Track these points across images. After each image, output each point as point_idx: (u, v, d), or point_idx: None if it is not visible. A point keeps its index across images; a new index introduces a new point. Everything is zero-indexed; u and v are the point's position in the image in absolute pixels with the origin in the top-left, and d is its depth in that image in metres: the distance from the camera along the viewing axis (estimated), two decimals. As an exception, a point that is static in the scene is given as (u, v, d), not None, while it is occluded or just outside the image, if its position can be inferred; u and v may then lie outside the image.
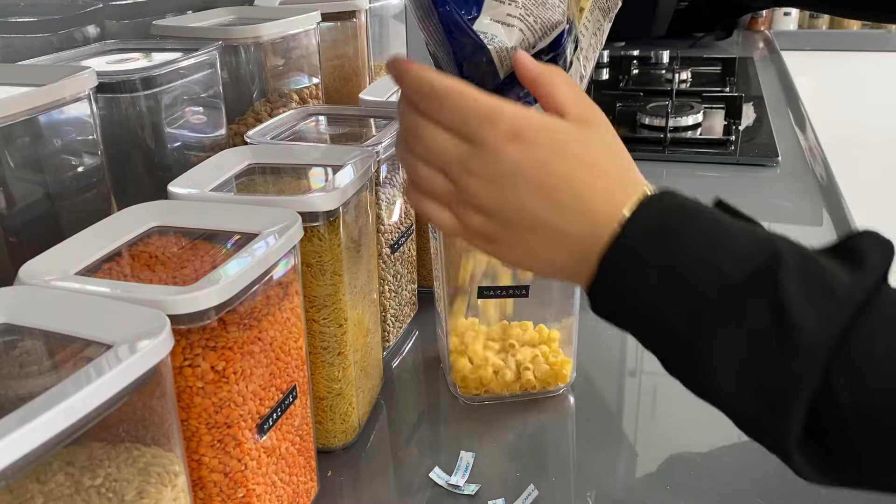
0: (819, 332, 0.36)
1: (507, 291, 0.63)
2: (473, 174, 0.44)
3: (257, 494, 0.46)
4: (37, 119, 0.55)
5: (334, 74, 1.02)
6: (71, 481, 0.35)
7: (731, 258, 0.39)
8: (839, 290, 0.37)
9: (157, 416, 0.38)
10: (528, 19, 0.48)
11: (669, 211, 0.42)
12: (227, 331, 0.42)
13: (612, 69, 1.79)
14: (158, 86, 0.67)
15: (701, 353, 0.39)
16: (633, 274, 0.41)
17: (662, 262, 0.40)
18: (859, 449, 0.37)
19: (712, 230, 0.41)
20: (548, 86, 0.46)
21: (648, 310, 0.41)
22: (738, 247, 0.40)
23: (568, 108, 0.45)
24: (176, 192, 0.54)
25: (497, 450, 0.60)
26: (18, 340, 0.37)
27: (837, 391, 0.36)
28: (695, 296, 0.39)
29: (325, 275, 0.55)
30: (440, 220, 0.47)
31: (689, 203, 0.42)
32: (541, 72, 0.46)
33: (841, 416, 0.36)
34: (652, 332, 0.42)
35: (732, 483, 0.56)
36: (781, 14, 2.41)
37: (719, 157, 1.20)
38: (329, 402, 0.59)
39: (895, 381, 0.35)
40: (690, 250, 0.40)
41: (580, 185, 0.43)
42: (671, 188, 0.44)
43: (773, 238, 0.40)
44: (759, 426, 0.39)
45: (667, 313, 0.40)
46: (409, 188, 0.48)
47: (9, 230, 0.54)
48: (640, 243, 0.41)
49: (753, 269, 0.38)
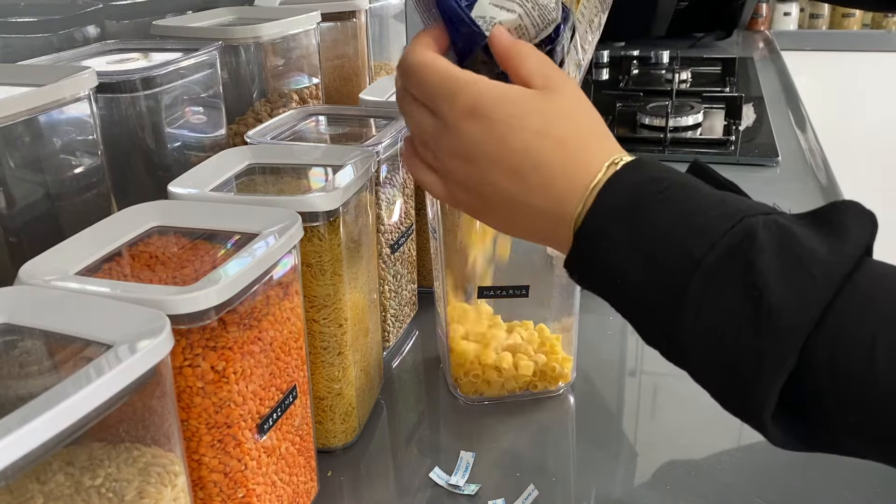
0: (796, 312, 0.35)
1: (507, 291, 0.63)
2: (444, 150, 0.46)
3: (257, 494, 0.46)
4: (37, 119, 0.55)
5: (334, 74, 1.02)
6: (71, 481, 0.35)
7: (702, 239, 0.38)
8: (817, 269, 0.36)
9: (157, 416, 0.38)
10: (526, 5, 0.48)
11: (637, 188, 0.41)
12: (227, 331, 0.42)
13: (612, 69, 1.80)
14: (158, 86, 0.67)
15: (677, 333, 0.39)
16: (604, 254, 0.41)
17: (633, 244, 0.40)
18: (835, 418, 0.36)
19: (681, 209, 0.40)
20: (515, 58, 0.46)
21: (623, 290, 0.41)
22: (709, 226, 0.38)
23: (533, 78, 0.45)
24: (176, 192, 0.54)
25: (497, 450, 0.60)
26: (18, 340, 0.37)
27: (815, 368, 0.35)
28: (668, 279, 0.39)
29: (325, 275, 0.55)
30: (430, 187, 0.49)
31: (658, 175, 0.41)
32: (509, 46, 0.46)
33: (818, 389, 0.36)
34: (627, 309, 0.42)
35: (732, 483, 0.56)
36: (781, 14, 2.41)
37: (719, 157, 1.20)
38: (329, 402, 0.59)
39: (873, 357, 0.34)
40: (660, 232, 0.39)
41: (538, 157, 0.43)
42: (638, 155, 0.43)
43: (747, 209, 0.39)
44: (735, 401, 0.39)
45: (641, 294, 0.40)
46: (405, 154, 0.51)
47: (9, 230, 0.54)
48: (609, 223, 0.41)
49: (726, 250, 0.37)
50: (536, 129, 0.43)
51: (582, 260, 0.43)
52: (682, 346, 0.39)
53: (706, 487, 0.56)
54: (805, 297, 0.36)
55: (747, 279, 0.37)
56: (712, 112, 1.38)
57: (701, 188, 0.41)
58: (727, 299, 0.37)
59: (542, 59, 0.47)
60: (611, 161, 0.42)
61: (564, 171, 0.43)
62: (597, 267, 0.42)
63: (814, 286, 0.36)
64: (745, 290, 0.37)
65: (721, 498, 0.55)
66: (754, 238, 0.37)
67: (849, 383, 0.35)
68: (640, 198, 0.40)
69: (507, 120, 0.43)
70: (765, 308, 0.36)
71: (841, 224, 0.38)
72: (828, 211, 0.39)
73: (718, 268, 0.37)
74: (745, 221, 0.38)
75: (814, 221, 0.39)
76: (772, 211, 0.39)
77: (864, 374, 0.34)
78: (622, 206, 0.41)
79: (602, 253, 0.41)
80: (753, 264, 0.37)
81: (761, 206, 0.40)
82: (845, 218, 0.38)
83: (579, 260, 0.43)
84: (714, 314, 0.37)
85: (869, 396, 0.35)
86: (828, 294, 0.35)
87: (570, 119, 0.44)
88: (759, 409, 0.37)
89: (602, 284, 0.43)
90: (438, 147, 0.47)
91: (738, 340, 0.37)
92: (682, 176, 0.42)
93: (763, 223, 0.38)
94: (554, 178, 0.43)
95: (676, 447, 0.60)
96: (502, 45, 0.47)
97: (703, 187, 0.41)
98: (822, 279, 0.36)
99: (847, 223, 0.38)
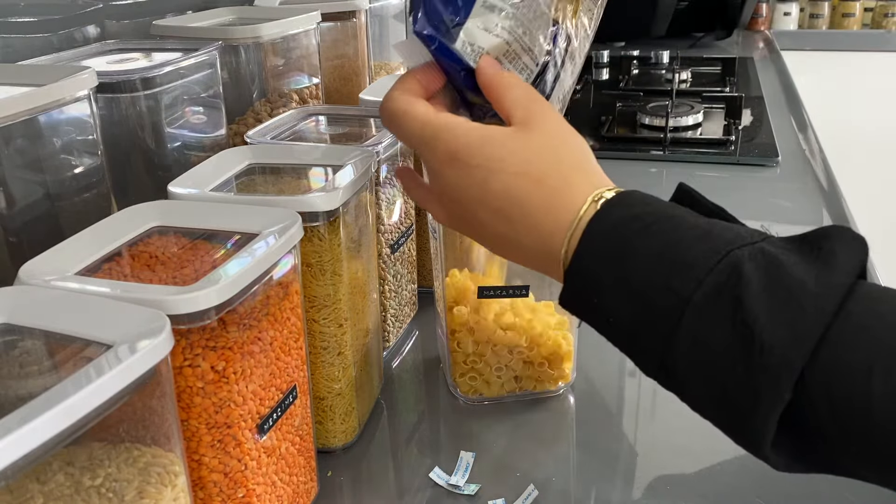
0: (788, 348, 0.35)
1: (508, 291, 0.63)
2: (436, 189, 0.47)
3: (257, 494, 0.46)
4: (37, 119, 0.54)
5: (334, 74, 1.02)
6: (71, 481, 0.35)
7: (688, 277, 0.38)
8: (807, 301, 0.35)
9: (157, 416, 0.38)
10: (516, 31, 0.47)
11: (621, 225, 0.40)
12: (227, 331, 0.42)
13: (612, 69, 1.80)
14: (158, 86, 0.67)
15: (672, 370, 0.39)
16: (593, 295, 0.41)
17: (621, 285, 0.40)
18: (836, 446, 0.36)
19: (666, 245, 0.39)
20: (497, 90, 0.46)
21: (616, 328, 0.41)
22: (695, 262, 0.38)
23: (514, 110, 0.45)
24: (176, 192, 0.54)
25: (497, 450, 0.60)
26: (18, 340, 0.37)
27: (813, 399, 0.35)
28: (659, 318, 0.38)
29: (325, 275, 0.55)
30: (432, 212, 0.51)
31: (642, 211, 0.41)
32: (492, 77, 0.46)
33: (818, 418, 0.35)
34: (623, 345, 0.42)
35: (732, 483, 0.56)
36: (781, 14, 2.41)
37: (719, 157, 1.20)
38: (329, 402, 0.59)
39: (870, 387, 0.34)
40: (646, 271, 0.39)
41: (519, 198, 0.43)
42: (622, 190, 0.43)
43: (733, 240, 0.38)
44: (734, 434, 0.39)
45: (634, 332, 0.40)
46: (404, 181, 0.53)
47: (9, 230, 0.54)
48: (595, 265, 0.41)
49: (713, 287, 0.37)
50: (515, 170, 0.43)
51: (573, 299, 0.43)
52: (678, 381, 0.39)
53: (706, 487, 0.56)
54: (796, 332, 0.35)
55: (737, 316, 0.36)
56: (712, 112, 1.38)
57: (685, 220, 0.40)
58: (718, 337, 0.37)
59: (524, 90, 0.46)
60: (593, 197, 0.42)
61: (547, 210, 0.43)
62: (588, 306, 0.42)
63: (804, 320, 0.35)
64: (734, 327, 0.36)
65: (721, 498, 0.55)
66: (741, 273, 0.37)
67: (848, 414, 0.35)
68: (624, 237, 0.40)
69: (485, 164, 0.44)
70: (756, 345, 0.36)
71: (830, 251, 0.37)
72: (817, 237, 0.38)
73: (707, 306, 0.37)
74: (732, 255, 0.37)
75: (801, 247, 0.38)
76: (759, 238, 0.39)
77: (863, 405, 0.34)
78: (606, 247, 0.40)
79: (591, 294, 0.41)
80: (742, 301, 0.36)
81: (749, 233, 0.39)
82: (834, 245, 0.37)
83: (571, 299, 0.43)
84: (707, 352, 0.37)
85: (868, 427, 0.34)
86: (819, 327, 0.35)
87: (550, 155, 0.44)
88: (759, 442, 0.37)
89: (595, 322, 0.43)
90: (431, 185, 0.48)
91: (732, 377, 0.37)
92: (666, 208, 0.41)
93: (749, 255, 0.37)
94: (538, 218, 0.43)
95: (676, 447, 0.60)
96: (486, 76, 0.47)
97: (687, 219, 0.40)
98: (812, 312, 0.35)
99: (836, 250, 0.37)
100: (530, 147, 0.44)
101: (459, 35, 0.46)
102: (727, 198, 0.44)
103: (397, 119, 0.47)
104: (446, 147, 0.45)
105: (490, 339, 0.64)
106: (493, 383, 0.65)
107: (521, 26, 0.47)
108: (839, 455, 0.36)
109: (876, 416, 0.34)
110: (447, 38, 0.46)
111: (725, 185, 1.13)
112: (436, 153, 0.45)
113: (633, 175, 1.15)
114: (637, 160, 1.21)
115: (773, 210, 1.03)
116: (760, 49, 2.11)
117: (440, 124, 0.45)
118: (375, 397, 0.67)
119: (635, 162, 1.20)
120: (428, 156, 0.46)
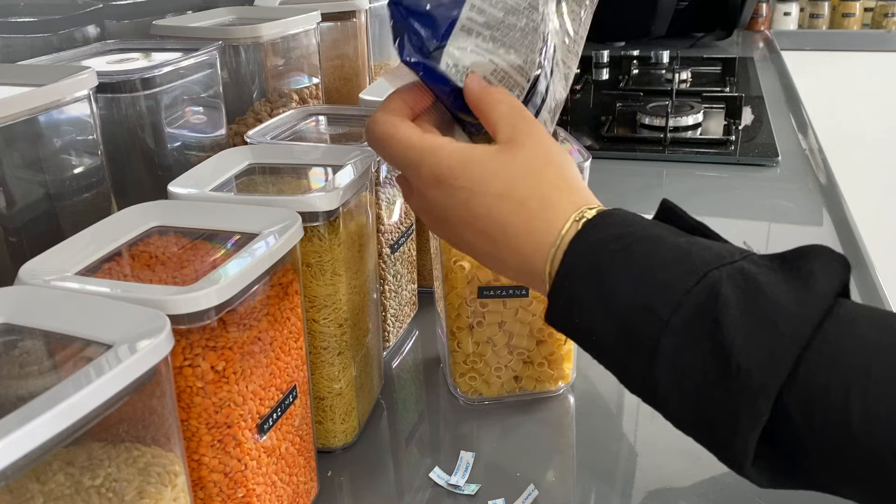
0: (765, 370, 0.35)
1: (507, 291, 0.63)
2: (424, 209, 0.48)
3: (257, 494, 0.46)
4: (37, 119, 0.54)
5: (334, 74, 1.02)
6: (71, 481, 0.35)
7: (666, 298, 0.38)
8: (784, 324, 0.35)
9: (157, 416, 0.38)
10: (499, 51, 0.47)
11: (600, 246, 0.41)
12: (227, 331, 0.42)
13: (612, 69, 1.80)
14: (158, 86, 0.67)
15: (654, 389, 0.39)
16: (576, 316, 0.41)
17: (601, 306, 0.40)
18: (818, 464, 0.36)
19: (645, 266, 0.39)
20: (483, 106, 0.47)
21: (599, 347, 0.42)
22: (673, 283, 0.38)
23: (500, 129, 0.46)
24: (176, 192, 0.54)
25: (497, 450, 0.60)
26: (18, 340, 0.37)
27: (792, 419, 0.35)
28: (639, 340, 0.39)
29: (325, 275, 0.55)
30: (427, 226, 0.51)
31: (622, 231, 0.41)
32: (478, 93, 0.47)
33: (799, 438, 0.35)
34: (607, 364, 0.42)
35: (732, 483, 0.56)
36: (781, 14, 2.41)
37: (719, 157, 1.20)
38: (329, 402, 0.59)
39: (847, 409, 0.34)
40: (625, 292, 0.39)
41: (501, 220, 0.44)
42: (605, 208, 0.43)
43: (712, 261, 0.38)
44: (715, 451, 0.39)
45: (615, 353, 0.40)
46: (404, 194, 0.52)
47: (9, 230, 0.54)
48: (576, 286, 0.41)
49: (692, 308, 0.37)
50: (497, 192, 0.44)
51: (557, 318, 0.43)
52: (659, 400, 0.40)
53: (706, 487, 0.56)
54: (774, 354, 0.35)
55: (715, 338, 0.36)
56: (712, 112, 1.38)
57: (664, 240, 0.40)
58: (697, 359, 0.37)
59: (509, 106, 0.46)
60: (575, 217, 0.42)
61: (529, 232, 0.43)
62: (571, 325, 0.42)
63: (781, 342, 0.35)
64: (712, 349, 0.36)
65: (721, 498, 0.55)
66: (718, 294, 0.37)
67: (827, 434, 0.34)
68: (603, 258, 0.40)
69: (468, 186, 0.44)
70: (733, 367, 0.36)
71: (809, 272, 0.37)
72: (796, 256, 0.38)
73: (685, 328, 0.37)
74: (710, 276, 0.37)
75: (781, 266, 0.38)
76: (739, 257, 0.38)
77: (842, 426, 0.34)
78: (586, 268, 0.41)
79: (574, 314, 0.41)
80: (719, 323, 0.36)
81: (729, 251, 0.39)
82: (813, 265, 0.37)
83: (555, 318, 0.43)
84: (686, 373, 0.37)
85: (847, 448, 0.34)
86: (796, 349, 0.35)
87: (533, 175, 0.44)
88: (741, 461, 0.37)
89: (580, 340, 0.43)
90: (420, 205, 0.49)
91: (711, 399, 0.37)
92: (647, 227, 0.41)
93: (728, 275, 0.37)
94: (520, 241, 0.43)
95: (676, 447, 0.60)
96: (472, 94, 0.47)
97: (667, 238, 0.40)
98: (789, 334, 0.35)
99: (814, 270, 0.37)
100: (513, 167, 0.44)
101: (442, 56, 0.46)
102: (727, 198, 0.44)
103: (382, 142, 0.47)
104: (429, 170, 0.45)
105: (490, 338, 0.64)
106: (493, 383, 0.65)
107: (504, 46, 0.47)
108: (820, 473, 0.36)
109: (855, 437, 0.34)
110: (432, 59, 0.46)
111: (725, 185, 1.13)
112: (420, 176, 0.46)
113: (633, 175, 1.15)
114: (637, 160, 1.21)
115: (773, 210, 1.03)
116: (760, 49, 2.11)
117: (424, 147, 0.46)
118: (375, 397, 0.67)
119: (635, 162, 1.20)
120: (413, 178, 0.47)
